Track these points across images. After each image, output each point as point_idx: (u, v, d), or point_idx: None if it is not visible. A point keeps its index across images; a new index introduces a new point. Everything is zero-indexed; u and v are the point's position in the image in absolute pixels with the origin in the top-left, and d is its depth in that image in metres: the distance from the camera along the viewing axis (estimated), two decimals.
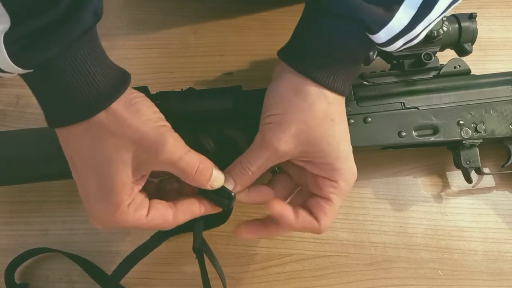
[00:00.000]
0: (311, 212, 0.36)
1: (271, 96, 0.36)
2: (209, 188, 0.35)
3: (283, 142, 0.34)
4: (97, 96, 0.31)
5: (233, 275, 0.45)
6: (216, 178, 0.35)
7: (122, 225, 0.34)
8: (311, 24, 0.35)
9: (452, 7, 0.33)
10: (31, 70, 0.30)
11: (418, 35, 0.34)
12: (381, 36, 0.33)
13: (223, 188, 0.36)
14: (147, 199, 0.35)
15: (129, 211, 0.33)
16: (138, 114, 0.32)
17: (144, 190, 0.35)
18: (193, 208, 0.36)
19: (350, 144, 0.37)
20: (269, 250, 0.46)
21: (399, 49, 0.35)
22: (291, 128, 0.34)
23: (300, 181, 0.39)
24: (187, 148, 0.34)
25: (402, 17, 0.32)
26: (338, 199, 0.36)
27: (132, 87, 0.41)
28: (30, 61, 0.29)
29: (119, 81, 0.33)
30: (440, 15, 0.33)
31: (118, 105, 0.32)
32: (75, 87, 0.30)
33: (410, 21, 0.32)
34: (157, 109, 0.35)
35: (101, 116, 0.31)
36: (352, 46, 0.35)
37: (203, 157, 0.35)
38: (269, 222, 0.38)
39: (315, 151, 0.35)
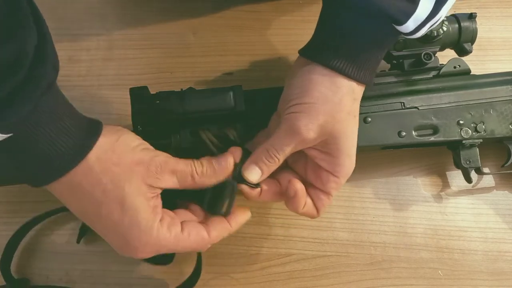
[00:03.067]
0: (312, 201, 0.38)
1: (304, 85, 0.36)
2: (220, 172, 0.36)
3: (311, 131, 0.35)
4: (80, 139, 0.32)
5: (233, 275, 0.45)
6: (220, 160, 0.36)
7: (167, 247, 0.34)
8: (335, 21, 0.36)
9: None
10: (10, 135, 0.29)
11: (441, 17, 0.35)
12: (409, 26, 0.34)
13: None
14: (177, 219, 0.36)
15: (164, 229, 0.34)
16: (127, 141, 0.34)
17: (170, 212, 0.36)
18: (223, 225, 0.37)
19: (356, 141, 0.38)
20: (269, 250, 0.46)
21: (423, 35, 0.36)
22: (319, 118, 0.35)
23: (296, 167, 0.40)
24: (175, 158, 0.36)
25: (425, 3, 0.33)
26: (336, 192, 0.38)
27: (132, 87, 0.41)
28: (6, 123, 0.29)
29: (94, 121, 0.34)
30: None
31: (107, 138, 0.33)
32: (55, 137, 0.31)
33: (434, 6, 0.33)
34: (137, 136, 0.36)
35: (95, 151, 0.32)
36: (378, 38, 0.36)
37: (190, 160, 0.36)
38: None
39: (332, 143, 0.36)
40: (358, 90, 0.36)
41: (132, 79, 0.53)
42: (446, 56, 0.46)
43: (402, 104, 0.44)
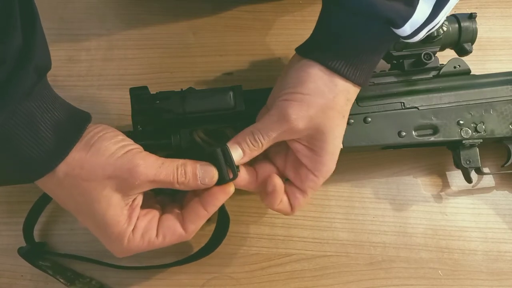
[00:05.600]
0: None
1: (300, 75, 0.36)
2: (202, 186, 0.35)
3: (300, 121, 0.35)
4: (50, 152, 0.31)
5: (233, 275, 0.45)
6: (205, 174, 0.35)
7: (139, 251, 0.35)
8: (333, 22, 0.36)
9: None
10: None
11: (439, 22, 0.35)
12: (406, 30, 0.34)
13: (229, 162, 0.35)
14: (154, 221, 0.36)
15: (136, 238, 0.34)
16: (100, 152, 0.33)
17: (150, 212, 0.36)
18: (199, 214, 0.36)
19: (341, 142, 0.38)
20: (269, 250, 0.46)
21: (421, 39, 0.36)
22: (310, 110, 0.35)
23: (276, 160, 0.40)
24: (160, 161, 0.34)
25: (423, 8, 0.33)
26: (312, 192, 0.38)
27: (132, 87, 0.41)
28: None
29: (73, 129, 0.33)
30: None
31: (77, 152, 0.32)
32: (28, 146, 0.31)
33: (432, 10, 0.33)
34: (120, 137, 0.35)
35: (64, 168, 0.32)
36: (376, 41, 0.36)
37: (181, 161, 0.35)
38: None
39: (318, 139, 0.36)
40: (352, 91, 0.37)
41: (132, 79, 0.52)
42: (446, 56, 0.46)
43: (402, 104, 0.44)
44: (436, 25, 0.35)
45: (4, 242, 0.46)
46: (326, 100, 0.35)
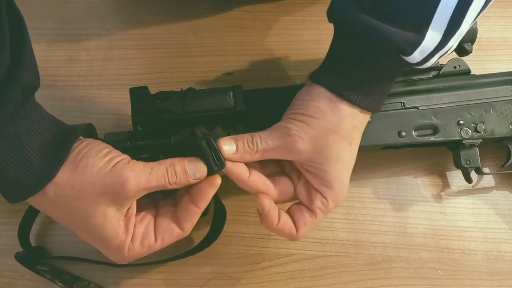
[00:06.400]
0: (292, 218, 0.37)
1: (306, 99, 0.36)
2: (194, 181, 0.35)
3: (301, 140, 0.35)
4: (36, 174, 0.31)
5: (233, 275, 0.45)
6: (195, 170, 0.35)
7: (140, 257, 0.35)
8: (341, 49, 0.36)
9: (481, 14, 0.33)
10: None
11: (452, 46, 0.34)
12: (416, 57, 0.33)
13: (217, 153, 0.35)
14: (151, 225, 0.36)
15: (135, 246, 0.34)
16: (87, 169, 0.32)
17: (145, 217, 0.36)
18: (192, 212, 0.36)
19: (351, 170, 0.38)
20: (269, 250, 0.46)
21: (433, 64, 0.36)
22: (312, 131, 0.35)
23: (291, 177, 0.40)
24: (148, 167, 0.34)
25: (433, 35, 0.32)
26: (322, 215, 0.37)
27: (132, 87, 0.41)
28: None
29: (60, 149, 0.32)
30: (470, 24, 0.33)
31: (65, 172, 0.32)
32: (14, 168, 0.30)
33: (442, 37, 0.33)
34: (106, 150, 0.34)
35: (53, 188, 0.31)
36: (386, 69, 0.35)
37: (169, 161, 0.35)
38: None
39: (320, 163, 0.36)
40: (360, 117, 0.36)
41: (132, 79, 0.53)
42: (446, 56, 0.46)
43: (402, 104, 0.44)
44: (448, 50, 0.34)
45: (4, 242, 0.46)
46: (329, 124, 0.35)
